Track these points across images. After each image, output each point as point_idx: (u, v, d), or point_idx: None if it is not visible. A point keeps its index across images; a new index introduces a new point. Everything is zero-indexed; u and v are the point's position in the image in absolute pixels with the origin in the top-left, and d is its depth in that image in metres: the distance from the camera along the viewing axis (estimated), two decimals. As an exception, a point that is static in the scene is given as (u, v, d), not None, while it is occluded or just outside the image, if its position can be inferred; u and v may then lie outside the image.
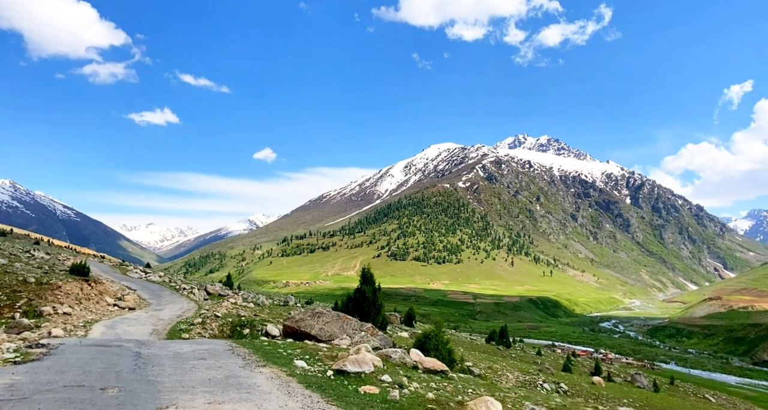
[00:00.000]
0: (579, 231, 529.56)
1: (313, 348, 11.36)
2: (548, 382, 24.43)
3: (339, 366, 8.77)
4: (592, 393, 25.30)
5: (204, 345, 12.20)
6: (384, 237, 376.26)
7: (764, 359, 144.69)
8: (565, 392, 23.31)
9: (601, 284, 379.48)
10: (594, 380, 31.84)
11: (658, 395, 36.29)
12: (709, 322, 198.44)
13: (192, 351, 11.21)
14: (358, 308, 17.51)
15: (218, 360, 10.24)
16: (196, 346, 11.92)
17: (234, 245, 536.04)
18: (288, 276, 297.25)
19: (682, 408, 29.23)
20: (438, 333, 13.93)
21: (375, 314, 17.51)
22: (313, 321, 13.38)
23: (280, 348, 11.57)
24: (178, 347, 11.86)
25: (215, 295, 37.71)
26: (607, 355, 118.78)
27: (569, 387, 25.25)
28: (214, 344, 12.49)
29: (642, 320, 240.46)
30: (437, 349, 13.47)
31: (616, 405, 20.84)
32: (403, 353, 10.58)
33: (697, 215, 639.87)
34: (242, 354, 10.80)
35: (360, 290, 18.13)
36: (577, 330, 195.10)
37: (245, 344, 12.43)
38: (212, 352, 11.05)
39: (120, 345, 11.81)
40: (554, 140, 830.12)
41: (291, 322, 13.85)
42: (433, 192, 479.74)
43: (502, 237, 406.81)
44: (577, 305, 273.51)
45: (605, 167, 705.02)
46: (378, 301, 18.07)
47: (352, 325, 13.34)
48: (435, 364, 10.36)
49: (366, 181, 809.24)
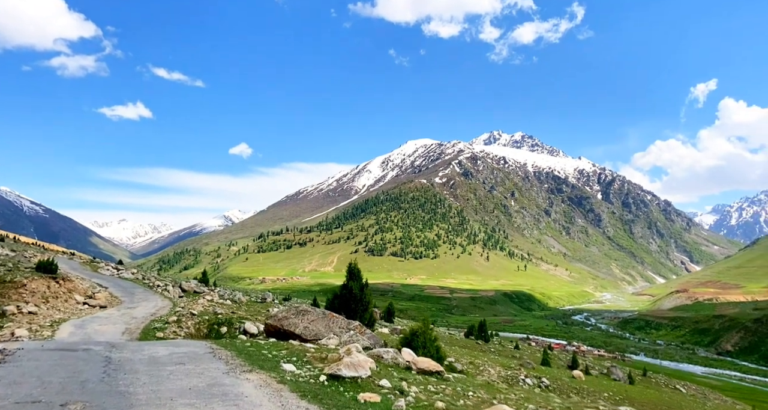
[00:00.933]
0: (552, 226, 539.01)
1: (300, 348, 10.68)
2: (530, 377, 24.47)
3: (333, 370, 8.09)
4: (573, 387, 25.44)
5: (182, 347, 11.24)
6: (361, 233, 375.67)
7: (728, 349, 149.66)
8: (547, 386, 23.37)
9: (574, 278, 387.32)
10: (574, 374, 32.16)
11: (636, 388, 36.94)
12: (676, 314, 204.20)
13: (169, 354, 10.23)
14: (345, 305, 16.84)
15: (199, 364, 9.35)
16: (174, 349, 10.94)
17: (209, 241, 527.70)
18: (264, 273, 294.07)
19: (659, 400, 29.74)
20: (426, 330, 13.54)
21: (362, 311, 16.91)
22: (297, 320, 12.73)
23: (264, 350, 10.81)
24: (154, 350, 10.85)
25: (190, 292, 36.69)
26: (580, 347, 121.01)
27: (551, 381, 25.35)
28: (192, 346, 11.57)
29: (613, 312, 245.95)
30: (425, 347, 13.06)
31: (597, 398, 21.04)
32: (395, 353, 10.04)
33: (665, 210, 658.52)
34: (224, 358, 9.93)
35: (347, 287, 17.46)
36: (550, 323, 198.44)
37: (226, 345, 11.59)
38: (191, 356, 10.14)
39: (87, 349, 10.64)
40: (528, 136, 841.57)
41: (274, 321, 13.18)
42: (411, 188, 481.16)
43: (478, 232, 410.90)
44: (551, 298, 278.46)
45: (577, 163, 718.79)
46: (366, 298, 17.46)
47: (338, 323, 12.75)
48: (430, 365, 9.89)
49: (343, 176, 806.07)
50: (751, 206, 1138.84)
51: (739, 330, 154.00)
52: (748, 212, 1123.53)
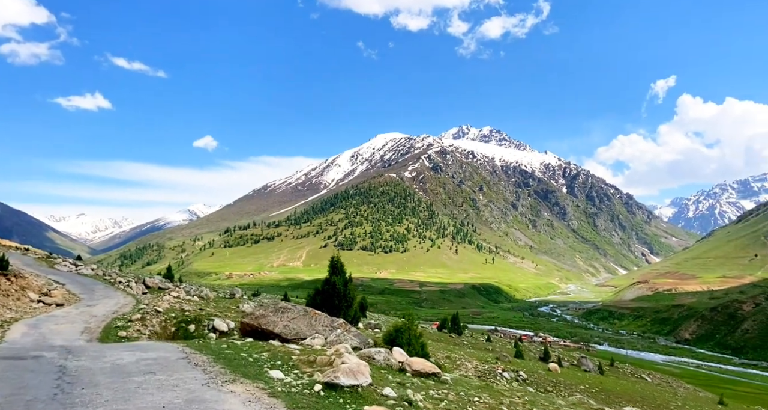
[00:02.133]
0: (519, 220, 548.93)
1: (283, 350, 9.66)
2: (507, 371, 24.31)
3: (329, 378, 7.06)
4: (550, 380, 25.47)
5: (150, 351, 9.77)
6: (331, 227, 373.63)
7: (686, 337, 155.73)
8: (525, 380, 23.27)
9: (540, 271, 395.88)
10: (550, 367, 32.37)
11: (609, 379, 37.56)
12: (637, 304, 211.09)
13: (136, 361, 8.81)
14: (328, 301, 15.88)
15: (172, 373, 7.97)
16: (141, 354, 9.50)
17: (173, 236, 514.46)
18: (231, 268, 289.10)
19: (633, 391, 30.22)
20: (411, 327, 12.94)
21: (346, 308, 16.00)
22: (276, 318, 11.79)
23: (243, 352, 9.66)
24: (117, 355, 9.35)
25: (155, 288, 35.08)
26: (546, 338, 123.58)
27: (528, 375, 25.28)
28: (162, 349, 10.11)
29: (577, 304, 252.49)
30: (410, 344, 12.41)
31: (574, 391, 21.08)
32: (386, 353, 9.35)
33: (627, 204, 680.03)
34: (201, 364, 8.61)
35: (329, 282, 16.49)
36: (517, 314, 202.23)
37: (201, 348, 10.24)
38: (163, 362, 8.75)
39: (38, 356, 9.04)
40: (496, 131, 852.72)
41: (250, 319, 12.20)
42: (380, 182, 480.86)
43: (447, 226, 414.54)
44: (518, 290, 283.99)
45: (543, 157, 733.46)
46: (350, 293, 16.57)
47: (321, 321, 11.85)
48: (425, 366, 9.15)
49: (312, 170, 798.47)
50: (707, 199, 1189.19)
51: (697, 319, 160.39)
52: (704, 204, 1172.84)
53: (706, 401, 33.55)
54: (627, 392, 27.66)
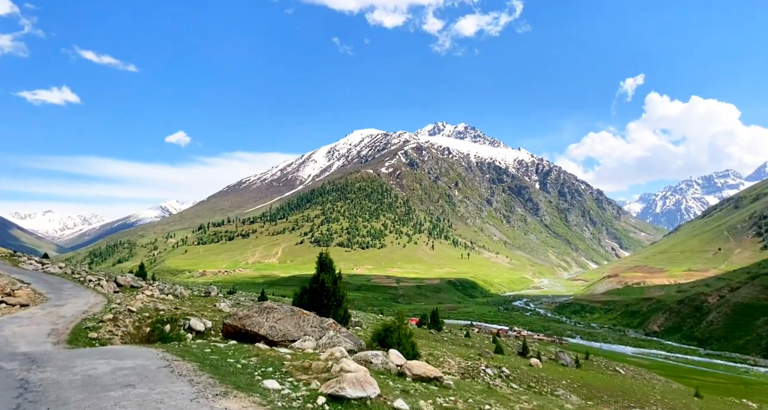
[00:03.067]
0: (494, 215, 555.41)
1: (273, 355, 8.84)
2: (490, 367, 24.19)
3: (333, 390, 6.30)
4: (533, 375, 25.48)
5: (127, 359, 8.56)
6: (307, 223, 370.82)
7: (654, 330, 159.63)
8: (508, 376, 23.21)
9: (514, 265, 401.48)
10: (531, 362, 32.52)
11: (589, 373, 38.01)
12: (608, 298, 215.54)
13: (111, 372, 7.60)
14: (316, 300, 15.12)
15: (154, 386, 6.85)
16: (117, 362, 8.25)
17: (145, 233, 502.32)
18: (205, 265, 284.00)
19: (613, 385, 30.57)
20: (400, 326, 12.51)
21: (336, 307, 15.30)
22: (261, 318, 11.06)
23: (229, 357, 8.81)
24: (90, 365, 8.07)
25: (127, 287, 33.77)
26: (521, 332, 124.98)
27: (511, 370, 25.23)
28: (141, 356, 8.94)
29: (550, 298, 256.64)
30: (400, 343, 11.99)
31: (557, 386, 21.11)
32: (384, 356, 8.80)
33: (597, 199, 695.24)
34: (186, 373, 7.54)
35: (318, 280, 15.74)
36: (492, 309, 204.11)
37: (183, 353, 9.20)
38: (142, 372, 7.60)
39: None
40: (471, 127, 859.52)
41: (233, 320, 11.47)
42: (357, 178, 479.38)
43: (424, 222, 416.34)
44: (492, 285, 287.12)
45: (517, 154, 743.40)
46: (339, 291, 15.87)
47: (310, 321, 11.14)
48: (426, 370, 8.51)
49: (288, 166, 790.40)
50: (673, 195, 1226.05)
51: (665, 312, 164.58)
52: (671, 200, 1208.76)
53: (682, 393, 34.28)
54: (608, 386, 27.94)
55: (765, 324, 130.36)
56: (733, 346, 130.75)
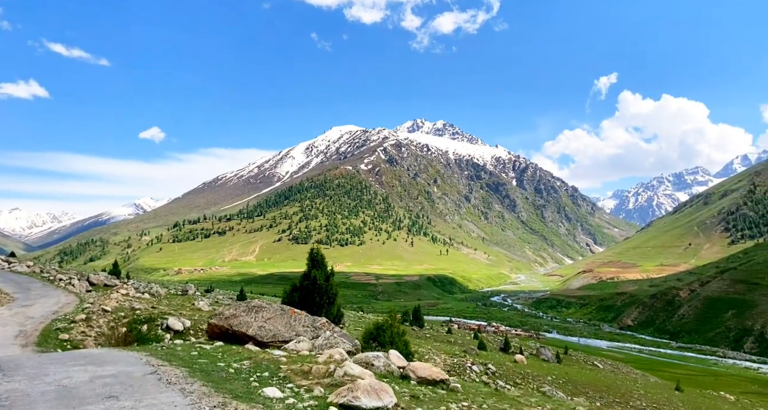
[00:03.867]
0: (472, 212, 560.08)
1: (267, 358, 8.12)
2: (476, 364, 24.02)
3: (346, 399, 5.63)
4: (518, 372, 25.44)
5: (107, 365, 7.52)
6: (285, 220, 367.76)
7: (628, 324, 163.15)
8: (494, 373, 23.06)
9: (491, 261, 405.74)
10: (516, 358, 32.61)
11: (572, 368, 38.33)
12: (583, 293, 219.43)
13: (89, 380, 6.61)
14: (307, 298, 14.45)
15: (141, 397, 5.93)
16: (95, 369, 7.21)
17: (118, 230, 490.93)
18: (180, 263, 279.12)
19: (597, 380, 30.80)
20: (393, 324, 12.09)
21: (328, 305, 14.66)
22: (249, 318, 10.40)
23: (219, 360, 8.06)
24: (64, 372, 7.01)
25: (100, 286, 32.61)
26: (499, 328, 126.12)
27: (496, 367, 25.12)
28: (122, 361, 7.88)
29: (527, 293, 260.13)
30: (393, 342, 11.58)
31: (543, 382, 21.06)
32: (386, 358, 8.29)
33: (572, 196, 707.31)
34: (175, 380, 6.69)
35: (309, 276, 15.07)
36: (471, 305, 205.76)
37: (168, 356, 8.36)
38: (126, 380, 6.61)
39: None
40: (449, 124, 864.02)
41: (219, 320, 10.80)
42: (336, 174, 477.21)
43: (403, 218, 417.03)
44: (471, 281, 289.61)
45: (494, 151, 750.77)
46: (332, 289, 15.26)
47: (301, 321, 10.52)
48: (431, 372, 7.98)
49: (265, 163, 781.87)
50: (645, 191, 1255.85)
51: (638, 306, 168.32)
52: (643, 196, 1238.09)
53: (663, 387, 34.86)
54: (592, 382, 28.14)
55: (733, 317, 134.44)
56: (703, 339, 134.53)
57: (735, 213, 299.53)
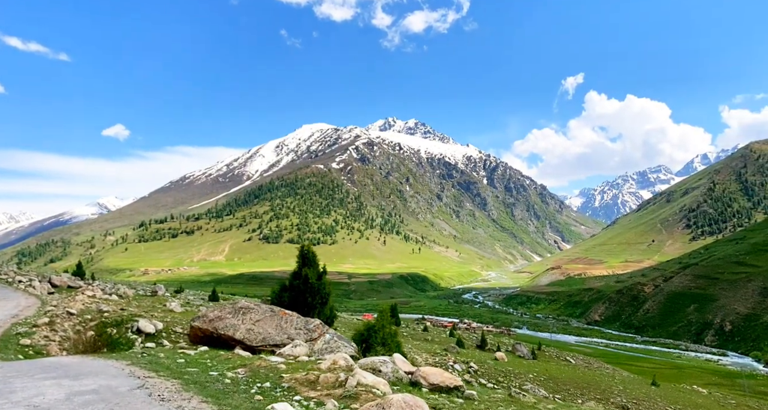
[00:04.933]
0: (444, 210, 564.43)
1: (264, 365, 7.23)
2: (458, 363, 23.79)
3: None
4: (500, 370, 25.31)
5: (85, 377, 6.36)
6: (255, 220, 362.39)
7: (595, 319, 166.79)
8: (476, 371, 22.88)
9: (463, 259, 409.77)
10: (497, 356, 32.57)
11: (552, 366, 38.61)
12: (552, 289, 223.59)
13: (66, 398, 5.48)
14: (298, 298, 13.60)
15: None
16: (72, 383, 6.03)
17: (80, 231, 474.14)
18: (147, 264, 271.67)
19: (577, 376, 31.04)
20: (385, 324, 11.58)
21: (321, 305, 13.84)
22: (235, 320, 9.57)
23: (211, 369, 7.16)
24: (35, 388, 5.80)
25: (63, 287, 31.10)
26: (471, 324, 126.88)
27: (478, 365, 24.95)
28: (102, 372, 6.72)
29: (497, 290, 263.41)
30: (385, 344, 11.05)
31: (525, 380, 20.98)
32: (393, 364, 7.60)
33: (541, 194, 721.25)
34: (167, 395, 5.73)
35: (300, 275, 14.19)
36: (443, 302, 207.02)
37: (154, 365, 7.33)
38: (111, 398, 5.51)
39: None
40: (421, 123, 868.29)
41: (203, 323, 9.92)
42: (307, 173, 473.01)
43: (375, 217, 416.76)
44: (443, 279, 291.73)
45: (465, 150, 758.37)
46: (325, 288, 14.48)
47: (293, 323, 9.91)
48: (444, 378, 7.30)
49: (234, 161, 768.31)
50: (611, 190, 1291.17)
51: (605, 302, 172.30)
52: (609, 194, 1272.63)
53: (640, 383, 35.54)
54: (571, 379, 28.34)
55: (695, 311, 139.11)
56: (666, 333, 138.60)
57: (696, 211, 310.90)
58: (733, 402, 33.24)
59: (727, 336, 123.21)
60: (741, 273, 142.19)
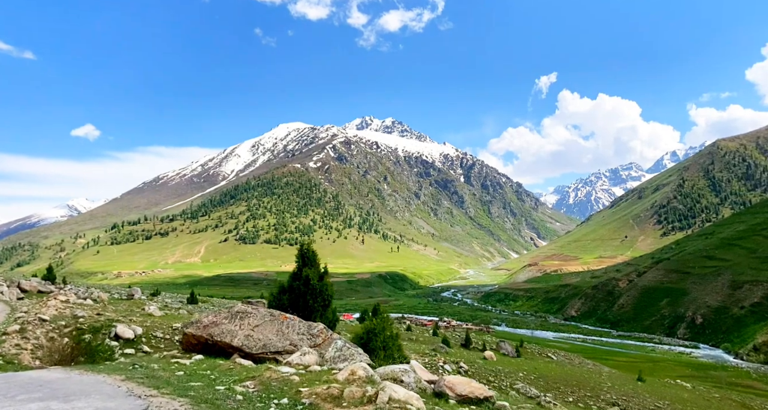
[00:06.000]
0: (422, 208, 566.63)
1: (274, 377, 6.35)
2: (448, 363, 23.45)
3: None
4: (490, 369, 25.09)
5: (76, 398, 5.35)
6: (231, 220, 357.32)
7: (572, 314, 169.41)
8: (466, 371, 22.58)
9: (441, 257, 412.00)
10: (486, 355, 32.40)
11: (541, 363, 38.70)
12: (529, 286, 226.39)
13: None
14: (299, 301, 12.82)
15: None
16: (62, 406, 5.01)
17: (49, 234, 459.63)
18: (120, 266, 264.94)
19: (565, 374, 31.08)
20: (386, 326, 11.05)
21: (323, 308, 13.10)
22: (232, 326, 8.77)
23: (216, 383, 6.32)
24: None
25: (33, 292, 29.71)
26: (450, 322, 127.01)
27: (468, 365, 24.68)
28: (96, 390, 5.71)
29: (476, 287, 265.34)
30: (386, 348, 10.53)
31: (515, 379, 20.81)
32: (414, 373, 6.99)
33: (517, 192, 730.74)
34: None
35: (300, 276, 13.35)
36: (422, 301, 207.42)
37: (150, 379, 6.41)
38: None
39: None
40: (398, 122, 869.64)
41: (197, 329, 9.10)
42: (284, 173, 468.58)
43: (353, 216, 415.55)
44: (421, 277, 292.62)
45: (442, 148, 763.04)
46: (327, 290, 13.75)
47: (295, 327, 9.29)
48: (472, 388, 6.59)
49: (209, 161, 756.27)
50: (584, 187, 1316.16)
51: (581, 297, 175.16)
52: (582, 191, 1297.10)
53: (626, 379, 35.89)
54: (561, 376, 28.38)
55: (668, 305, 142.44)
56: (641, 327, 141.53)
57: (666, 207, 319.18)
58: (717, 396, 33.90)
59: (698, 329, 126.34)
60: (711, 267, 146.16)
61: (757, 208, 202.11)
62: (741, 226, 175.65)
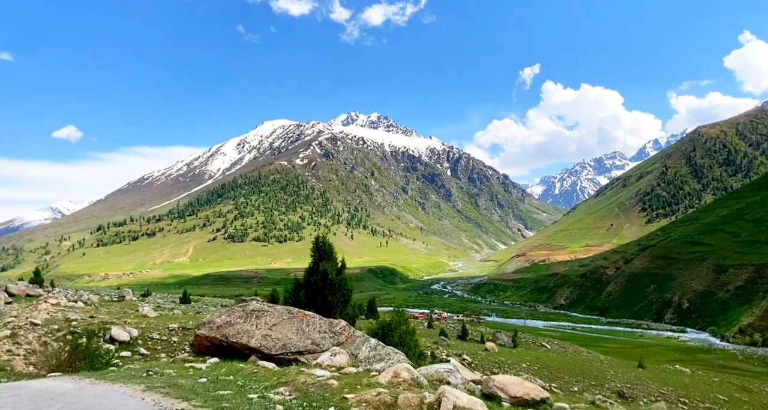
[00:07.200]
0: (409, 203, 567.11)
1: (309, 382, 5.72)
2: (452, 356, 23.28)
3: None
4: (493, 361, 24.95)
5: None
6: (219, 219, 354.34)
7: (561, 303, 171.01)
8: (470, 364, 22.41)
9: (430, 250, 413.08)
10: (487, 346, 32.34)
11: (540, 353, 38.78)
12: (518, 276, 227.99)
13: None
14: (317, 297, 12.21)
15: None
16: None
17: (33, 237, 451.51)
18: (107, 268, 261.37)
19: (568, 364, 31.09)
20: (401, 321, 10.68)
21: (343, 304, 12.53)
22: (248, 325, 8.30)
23: (248, 391, 5.60)
24: None
25: (22, 296, 28.82)
26: (441, 314, 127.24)
27: (471, 358, 24.54)
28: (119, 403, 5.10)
29: (465, 279, 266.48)
30: (402, 343, 10.13)
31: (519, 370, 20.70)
32: (459, 373, 6.47)
33: (504, 183, 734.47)
34: None
35: (317, 271, 12.66)
36: (412, 294, 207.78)
37: (169, 386, 5.72)
38: None
39: None
40: (384, 117, 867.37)
41: (210, 330, 8.49)
42: (271, 170, 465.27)
43: (342, 212, 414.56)
44: (411, 271, 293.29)
45: (429, 142, 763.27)
46: (346, 284, 13.16)
47: (316, 325, 8.82)
48: (527, 389, 5.99)
49: (195, 160, 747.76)
50: (569, 177, 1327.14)
51: (570, 286, 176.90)
52: (568, 181, 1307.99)
53: (627, 366, 36.07)
54: (564, 366, 28.36)
55: (655, 291, 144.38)
56: (629, 313, 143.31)
57: (650, 194, 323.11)
58: (716, 380, 34.28)
59: (685, 314, 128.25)
60: (696, 252, 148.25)
61: (740, 193, 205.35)
62: (724, 211, 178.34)
